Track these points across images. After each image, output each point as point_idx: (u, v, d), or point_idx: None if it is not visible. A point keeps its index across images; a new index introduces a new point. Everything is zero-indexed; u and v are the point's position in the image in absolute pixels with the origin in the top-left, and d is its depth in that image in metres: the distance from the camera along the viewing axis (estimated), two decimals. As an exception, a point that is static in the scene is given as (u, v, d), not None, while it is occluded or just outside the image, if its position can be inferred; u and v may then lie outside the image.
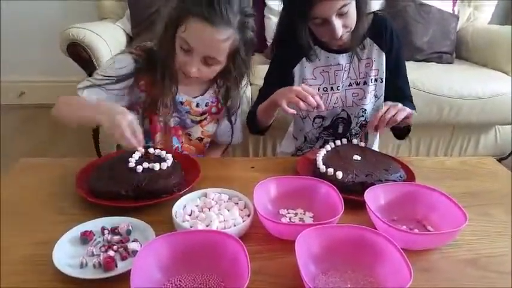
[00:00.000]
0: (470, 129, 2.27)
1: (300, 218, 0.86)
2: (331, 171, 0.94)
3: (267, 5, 2.37)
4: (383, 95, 1.25)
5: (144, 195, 0.87)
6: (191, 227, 0.77)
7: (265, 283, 0.68)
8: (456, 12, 2.50)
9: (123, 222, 0.79)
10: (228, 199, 0.87)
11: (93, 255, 0.71)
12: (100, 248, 0.74)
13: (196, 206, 0.85)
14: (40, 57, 2.90)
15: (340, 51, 1.19)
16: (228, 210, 0.82)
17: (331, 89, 1.22)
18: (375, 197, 0.86)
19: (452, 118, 2.10)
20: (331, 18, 1.02)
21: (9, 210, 0.86)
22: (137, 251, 0.69)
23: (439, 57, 2.38)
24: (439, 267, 0.75)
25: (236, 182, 0.94)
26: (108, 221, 0.80)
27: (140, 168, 0.91)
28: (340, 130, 1.29)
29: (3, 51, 2.90)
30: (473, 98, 2.07)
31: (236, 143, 1.36)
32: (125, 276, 0.62)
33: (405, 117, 1.04)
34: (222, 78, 1.16)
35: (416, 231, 0.82)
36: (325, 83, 1.22)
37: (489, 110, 2.10)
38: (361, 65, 1.21)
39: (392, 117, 1.03)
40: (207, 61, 1.03)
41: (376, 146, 1.39)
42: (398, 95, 1.23)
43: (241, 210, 0.84)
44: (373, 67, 1.21)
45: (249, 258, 0.63)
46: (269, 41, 2.34)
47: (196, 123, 1.21)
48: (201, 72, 1.04)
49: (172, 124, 1.17)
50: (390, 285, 0.65)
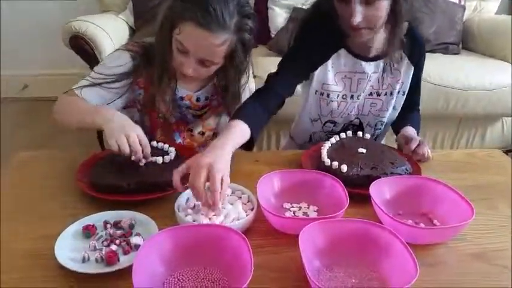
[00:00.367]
0: (477, 121, 2.26)
1: (304, 212, 0.85)
2: (336, 164, 0.93)
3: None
4: (401, 106, 1.22)
5: (147, 189, 0.87)
6: (194, 221, 0.76)
7: (269, 278, 0.68)
8: (462, 3, 2.47)
9: (125, 216, 0.79)
10: (232, 193, 0.87)
11: (95, 249, 0.71)
12: (102, 242, 0.73)
13: (200, 200, 0.84)
14: (43, 51, 2.90)
15: (368, 59, 1.11)
16: (231, 204, 0.82)
17: (351, 97, 1.16)
18: (380, 191, 0.85)
19: (458, 110, 2.09)
20: None
21: (10, 203, 0.85)
22: (140, 245, 0.69)
23: (445, 48, 2.36)
24: (445, 262, 0.74)
25: (240, 175, 0.93)
26: (111, 215, 0.79)
27: (143, 161, 0.91)
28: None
29: (5, 44, 2.89)
30: (480, 89, 2.05)
31: None
32: (128, 270, 0.61)
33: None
34: (220, 75, 1.14)
35: (422, 225, 0.81)
36: (346, 90, 1.15)
37: (496, 101, 2.08)
38: (387, 76, 1.14)
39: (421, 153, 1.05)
40: (203, 62, 1.00)
41: (382, 139, 1.37)
42: (409, 105, 1.22)
43: (245, 204, 0.84)
44: (400, 80, 1.16)
45: (252, 253, 0.62)
46: (273, 33, 2.32)
47: (198, 117, 1.20)
48: (198, 72, 1.03)
49: (173, 120, 1.16)
50: (396, 280, 0.65)
